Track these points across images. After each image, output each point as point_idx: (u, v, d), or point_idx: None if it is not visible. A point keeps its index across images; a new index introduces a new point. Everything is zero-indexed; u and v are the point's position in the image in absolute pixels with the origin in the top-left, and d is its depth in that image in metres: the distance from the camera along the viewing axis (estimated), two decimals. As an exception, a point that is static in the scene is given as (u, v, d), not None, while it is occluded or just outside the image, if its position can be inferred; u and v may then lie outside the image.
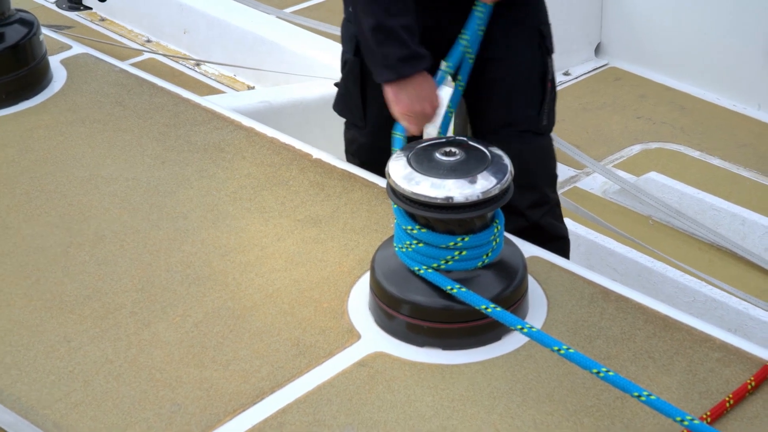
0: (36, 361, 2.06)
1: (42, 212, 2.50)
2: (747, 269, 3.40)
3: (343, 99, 2.75)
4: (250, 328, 2.12)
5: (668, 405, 1.77)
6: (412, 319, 2.04)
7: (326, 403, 1.92)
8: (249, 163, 2.65)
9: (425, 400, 1.92)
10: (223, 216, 2.46)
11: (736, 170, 3.91)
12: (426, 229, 2.00)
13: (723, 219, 3.58)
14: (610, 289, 2.18)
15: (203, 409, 1.93)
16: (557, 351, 1.86)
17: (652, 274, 3.30)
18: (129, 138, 2.79)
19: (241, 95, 4.19)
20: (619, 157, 4.03)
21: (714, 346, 2.03)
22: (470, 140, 2.09)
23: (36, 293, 2.24)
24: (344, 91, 2.74)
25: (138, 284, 2.25)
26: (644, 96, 4.45)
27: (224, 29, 4.58)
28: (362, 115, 2.69)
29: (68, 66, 3.15)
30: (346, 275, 2.25)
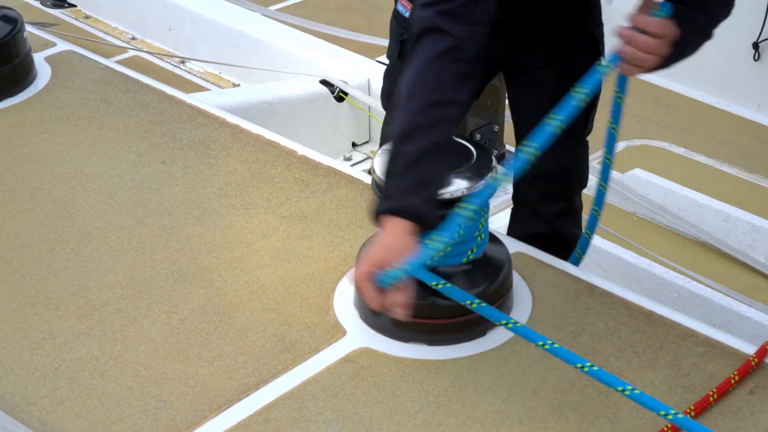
0: (21, 357, 2.05)
1: (26, 209, 2.49)
2: (730, 265, 3.42)
3: (385, 94, 2.70)
4: (236, 324, 2.12)
5: (652, 399, 1.77)
6: (397, 315, 2.04)
7: (312, 399, 1.92)
8: (234, 160, 2.65)
9: (411, 396, 1.92)
10: (208, 213, 2.46)
11: (719, 167, 3.93)
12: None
13: (706, 215, 3.59)
14: (595, 284, 2.19)
15: (189, 405, 1.93)
16: (542, 346, 1.87)
17: (636, 270, 3.31)
18: (114, 135, 2.78)
19: (226, 92, 4.19)
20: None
21: (698, 341, 2.04)
22: (456, 137, 2.09)
23: (20, 290, 2.23)
24: (386, 87, 2.66)
25: (123, 281, 2.25)
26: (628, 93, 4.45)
27: (209, 27, 4.58)
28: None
29: (53, 63, 3.14)
30: (331, 271, 2.26)
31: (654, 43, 2.01)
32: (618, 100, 2.23)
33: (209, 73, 4.57)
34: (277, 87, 4.00)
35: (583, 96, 1.98)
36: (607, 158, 2.32)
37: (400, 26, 2.53)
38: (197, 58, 4.61)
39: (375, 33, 4.53)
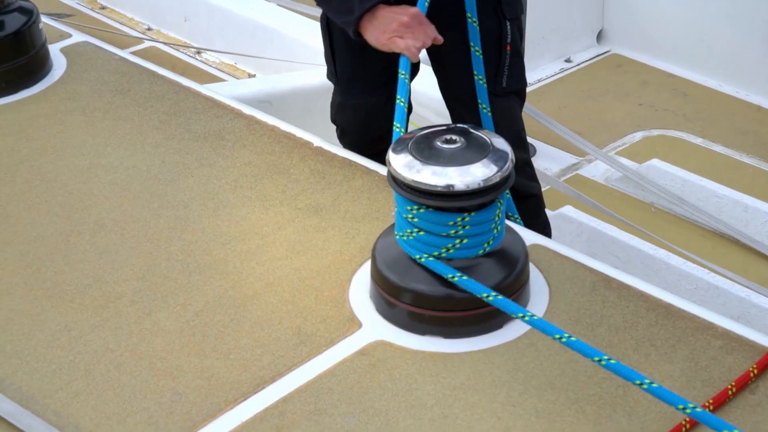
0: (36, 350, 2.05)
1: (42, 201, 2.49)
2: (749, 256, 3.40)
3: (325, 60, 2.77)
4: (251, 317, 2.11)
5: (670, 393, 1.76)
6: (413, 307, 2.04)
7: (327, 392, 1.92)
8: (249, 152, 2.65)
9: (427, 389, 1.92)
10: (223, 204, 2.46)
11: (738, 157, 3.90)
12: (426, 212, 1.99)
13: (725, 206, 3.57)
14: (612, 276, 2.17)
15: (204, 398, 1.92)
16: (559, 339, 1.86)
17: (654, 261, 3.29)
18: (129, 126, 2.78)
19: (241, 83, 4.18)
20: (622, 144, 4.02)
21: (716, 333, 2.02)
22: (471, 128, 2.08)
23: (36, 282, 2.23)
24: (325, 51, 2.77)
25: (138, 273, 2.25)
26: (646, 83, 4.44)
27: (225, 17, 4.57)
28: (334, 71, 2.72)
29: (68, 54, 3.14)
30: (347, 263, 2.25)
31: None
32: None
33: (225, 63, 4.57)
34: (293, 77, 3.99)
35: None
36: (485, 108, 2.64)
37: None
38: (213, 49, 4.60)
39: (391, 23, 4.51)
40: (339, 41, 2.67)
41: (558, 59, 4.62)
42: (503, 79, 2.73)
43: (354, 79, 2.69)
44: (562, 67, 4.57)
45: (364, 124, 2.76)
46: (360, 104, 2.70)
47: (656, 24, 4.55)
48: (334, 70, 2.74)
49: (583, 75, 4.54)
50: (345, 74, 2.72)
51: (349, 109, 2.73)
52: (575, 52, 4.67)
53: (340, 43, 2.67)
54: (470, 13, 2.55)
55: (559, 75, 4.53)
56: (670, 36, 4.51)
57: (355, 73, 2.67)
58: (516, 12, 2.74)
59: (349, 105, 2.73)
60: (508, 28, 2.71)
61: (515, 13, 2.74)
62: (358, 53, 2.65)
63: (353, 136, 2.78)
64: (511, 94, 2.78)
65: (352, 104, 2.72)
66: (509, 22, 2.71)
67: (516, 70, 2.77)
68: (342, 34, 2.60)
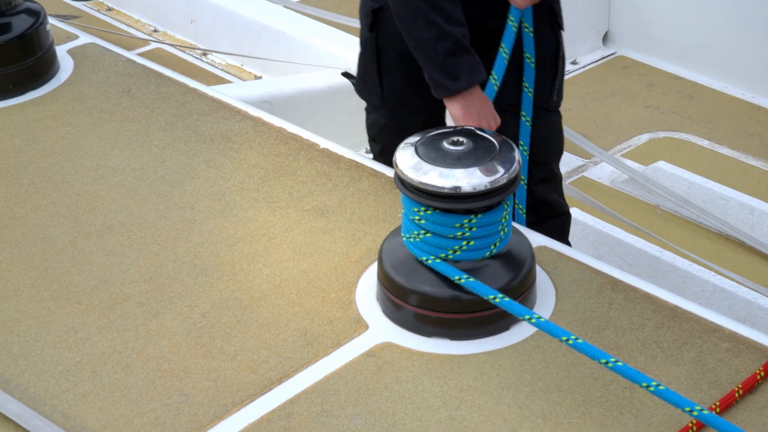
0: (44, 351, 2.06)
1: (49, 202, 2.50)
2: (756, 259, 3.39)
3: (362, 80, 2.73)
4: (258, 318, 2.12)
5: (677, 395, 1.76)
6: (420, 309, 2.04)
7: (334, 394, 1.92)
8: (256, 153, 2.65)
9: (433, 391, 1.92)
10: (230, 206, 2.46)
11: (744, 159, 3.90)
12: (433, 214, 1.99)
13: (731, 208, 3.57)
14: (619, 279, 2.17)
15: (211, 399, 1.93)
16: (566, 341, 1.86)
17: (660, 263, 3.29)
18: (136, 128, 2.78)
19: (248, 85, 4.19)
20: (627, 147, 4.02)
21: (723, 336, 2.02)
22: (477, 129, 2.08)
23: (43, 283, 2.24)
24: (362, 70, 2.72)
25: (145, 274, 2.25)
26: (652, 85, 4.43)
27: (231, 19, 4.57)
28: (380, 93, 2.68)
29: (75, 56, 3.14)
30: (353, 265, 2.25)
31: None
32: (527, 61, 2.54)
33: (231, 65, 4.57)
34: (299, 79, 3.99)
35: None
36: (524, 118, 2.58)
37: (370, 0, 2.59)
38: (219, 51, 4.61)
39: (397, 25, 4.51)
40: (391, 67, 2.62)
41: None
42: (555, 93, 2.69)
43: (402, 103, 2.66)
44: (568, 69, 4.56)
45: None
46: (405, 125, 2.64)
47: (662, 26, 4.55)
48: (380, 94, 2.69)
49: (589, 77, 4.53)
50: (393, 97, 2.68)
51: (394, 130, 2.68)
52: (581, 54, 4.67)
53: (392, 68, 2.62)
54: (527, 21, 2.48)
55: (565, 77, 4.52)
56: (676, 38, 4.50)
57: (404, 97, 2.65)
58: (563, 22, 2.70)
59: (393, 126, 2.69)
60: (562, 40, 2.68)
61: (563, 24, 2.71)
62: (408, 77, 2.61)
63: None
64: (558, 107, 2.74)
65: (397, 125, 2.67)
66: (562, 33, 2.68)
67: (562, 83, 2.74)
68: (395, 58, 2.58)
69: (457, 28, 2.34)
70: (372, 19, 2.60)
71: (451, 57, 2.34)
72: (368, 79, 2.70)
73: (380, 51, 2.62)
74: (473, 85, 2.36)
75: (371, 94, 2.71)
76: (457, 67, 2.34)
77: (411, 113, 2.66)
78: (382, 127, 2.74)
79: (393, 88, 2.65)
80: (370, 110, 2.76)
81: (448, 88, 2.37)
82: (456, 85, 2.35)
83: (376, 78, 2.66)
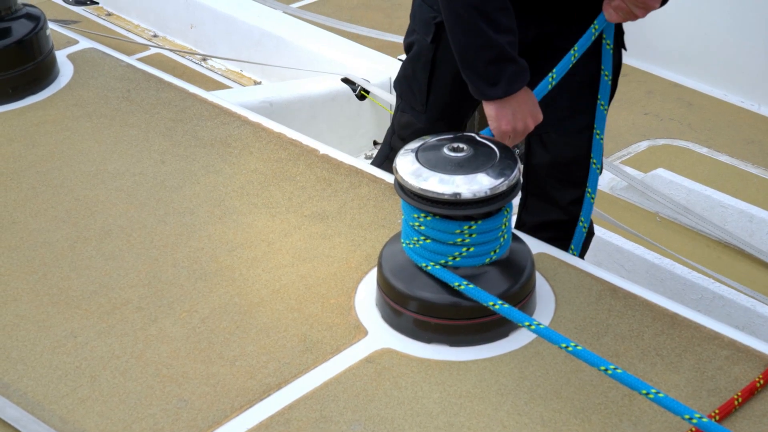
0: (42, 356, 2.05)
1: (48, 207, 2.50)
2: (755, 266, 3.39)
3: (407, 81, 2.71)
4: (257, 323, 2.11)
5: (676, 402, 1.76)
6: (419, 315, 2.04)
7: (333, 400, 1.92)
8: (256, 159, 2.65)
9: (432, 397, 1.91)
10: (229, 211, 2.46)
11: (743, 167, 3.90)
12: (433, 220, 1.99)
13: (730, 216, 3.57)
14: (618, 286, 2.17)
15: (210, 405, 1.92)
16: (565, 348, 1.85)
17: (659, 270, 3.29)
18: (135, 133, 2.78)
19: (247, 90, 4.19)
20: (627, 154, 4.02)
21: (722, 343, 2.02)
22: (478, 136, 2.09)
23: (42, 288, 2.24)
24: (410, 73, 2.69)
25: (144, 279, 2.25)
26: (651, 92, 4.44)
27: (231, 24, 4.58)
28: (425, 101, 2.66)
29: (75, 61, 3.14)
30: (353, 271, 2.25)
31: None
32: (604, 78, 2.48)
33: (231, 70, 4.57)
34: (299, 85, 3.99)
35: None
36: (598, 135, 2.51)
37: (432, 9, 2.55)
38: (219, 56, 4.61)
39: (396, 31, 4.52)
40: (444, 76, 2.61)
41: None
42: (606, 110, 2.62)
43: (445, 113, 2.65)
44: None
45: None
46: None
47: (662, 33, 4.55)
48: (425, 101, 2.67)
49: (589, 84, 4.53)
50: (438, 106, 2.66)
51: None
52: (581, 61, 4.67)
53: (444, 81, 2.61)
54: (608, 38, 2.43)
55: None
56: (675, 46, 4.51)
57: (448, 108, 2.64)
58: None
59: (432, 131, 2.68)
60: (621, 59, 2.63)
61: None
62: (459, 94, 2.60)
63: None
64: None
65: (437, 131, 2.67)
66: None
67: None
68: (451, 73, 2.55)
69: (504, 36, 2.29)
70: (435, 32, 2.57)
71: (493, 65, 2.30)
72: (414, 84, 2.67)
73: (435, 63, 2.60)
74: (511, 94, 2.31)
75: (415, 98, 2.69)
76: (498, 74, 2.30)
77: (450, 124, 2.66)
78: (417, 131, 2.71)
79: (439, 99, 2.64)
80: (407, 110, 2.74)
81: (485, 93, 2.33)
82: (494, 92, 2.31)
83: (425, 87, 2.64)
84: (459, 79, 2.42)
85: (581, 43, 2.37)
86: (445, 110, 2.62)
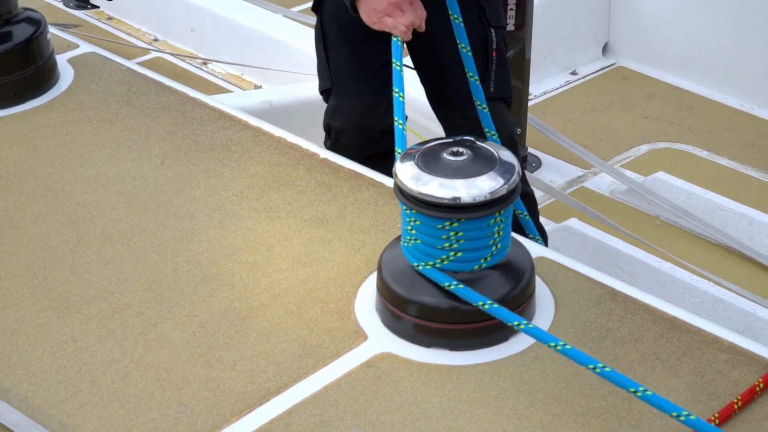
0: (42, 360, 2.05)
1: (49, 211, 2.50)
2: (755, 270, 3.39)
3: (318, 67, 2.81)
4: (257, 328, 2.11)
5: (664, 400, 1.76)
6: (419, 319, 2.04)
7: (333, 404, 1.92)
8: (256, 163, 2.65)
9: (432, 401, 1.91)
10: (229, 216, 2.46)
11: (744, 170, 3.90)
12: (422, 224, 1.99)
13: (731, 219, 3.57)
14: (618, 290, 2.17)
15: (210, 409, 1.92)
16: (554, 347, 1.86)
17: (659, 274, 3.29)
18: (136, 137, 2.79)
19: (248, 94, 4.19)
20: (627, 157, 4.02)
21: (722, 347, 2.02)
22: (477, 140, 2.09)
23: (42, 293, 2.24)
24: (317, 58, 2.81)
25: (145, 284, 2.25)
26: (652, 96, 4.44)
27: (232, 28, 4.58)
28: (328, 74, 2.74)
29: (75, 65, 3.15)
30: (353, 275, 2.25)
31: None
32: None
33: (231, 74, 4.58)
34: (299, 89, 4.00)
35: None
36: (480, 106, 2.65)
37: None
38: (219, 60, 4.61)
39: (397, 35, 4.51)
40: (333, 41, 2.72)
41: (563, 72, 4.63)
42: (490, 84, 2.77)
43: (348, 79, 2.71)
44: (567, 80, 4.57)
45: (359, 126, 2.76)
46: (354, 104, 2.71)
47: (662, 37, 4.55)
48: (328, 73, 2.76)
49: (589, 87, 4.54)
50: (339, 73, 2.74)
51: (345, 109, 2.73)
52: (581, 64, 4.68)
53: (334, 43, 2.72)
54: (452, 12, 2.57)
55: (565, 87, 4.53)
56: (675, 49, 4.51)
57: (350, 72, 2.70)
58: (500, 21, 2.81)
59: (344, 105, 2.73)
60: (493, 35, 2.77)
61: (499, 22, 2.80)
62: (351, 52, 2.68)
63: (347, 139, 2.75)
64: (499, 99, 2.81)
65: (347, 104, 2.72)
66: (494, 29, 2.78)
67: (503, 78, 2.82)
68: (337, 33, 2.67)
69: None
70: (315, 2, 2.73)
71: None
72: (320, 63, 2.78)
73: (324, 30, 2.72)
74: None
75: (323, 77, 2.78)
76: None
77: (359, 90, 2.71)
78: (333, 110, 2.77)
79: (338, 62, 2.73)
80: (326, 98, 2.80)
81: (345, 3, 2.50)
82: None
83: (324, 57, 2.75)
84: (345, 36, 2.57)
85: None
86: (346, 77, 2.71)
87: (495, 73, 2.78)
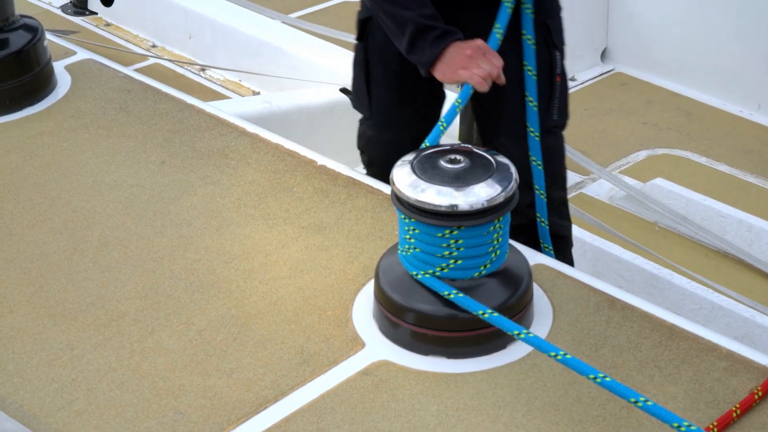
0: (39, 369, 2.05)
1: (45, 219, 2.49)
2: (754, 276, 3.39)
3: (353, 87, 2.74)
4: (254, 336, 2.11)
5: (665, 411, 1.76)
6: (416, 327, 2.03)
7: (330, 412, 1.91)
8: (253, 170, 2.65)
9: (430, 409, 1.91)
10: (227, 223, 2.45)
11: (742, 176, 3.89)
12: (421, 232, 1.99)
13: (729, 226, 3.56)
14: (616, 297, 2.17)
15: (207, 417, 1.92)
16: (554, 357, 1.86)
17: (658, 280, 3.28)
18: (133, 144, 2.78)
19: (245, 101, 4.18)
20: (626, 163, 4.01)
21: (721, 355, 2.01)
22: (474, 148, 2.08)
23: (39, 300, 2.23)
24: (354, 80, 2.73)
25: (141, 291, 2.24)
26: (650, 102, 4.43)
27: (229, 34, 4.57)
28: (368, 105, 2.68)
29: (73, 72, 3.14)
30: (350, 283, 2.24)
31: None
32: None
33: (229, 81, 4.57)
34: (297, 95, 3.99)
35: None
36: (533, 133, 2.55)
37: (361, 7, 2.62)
38: (217, 66, 4.61)
39: (395, 41, 4.51)
40: (378, 75, 2.63)
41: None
42: (554, 111, 2.62)
43: (389, 115, 2.66)
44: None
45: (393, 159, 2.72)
46: (392, 140, 2.66)
47: (660, 43, 4.55)
48: (368, 104, 2.69)
49: (587, 93, 4.53)
50: (380, 109, 2.67)
51: (381, 143, 2.69)
52: (579, 70, 4.67)
53: (378, 77, 2.63)
54: (526, 32, 2.48)
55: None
56: (674, 55, 4.51)
57: (391, 109, 2.64)
58: (563, 42, 2.66)
59: (381, 139, 2.69)
60: (558, 58, 2.62)
61: (562, 43, 2.66)
62: (395, 89, 2.62)
63: (381, 168, 2.70)
64: (559, 128, 2.68)
65: (384, 139, 2.68)
66: (558, 52, 2.63)
67: (564, 104, 2.66)
68: (383, 71, 2.60)
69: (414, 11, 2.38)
70: (360, 29, 2.62)
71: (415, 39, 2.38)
72: (358, 89, 2.71)
73: (369, 62, 2.64)
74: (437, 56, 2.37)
75: (361, 105, 2.72)
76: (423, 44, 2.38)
77: (399, 127, 2.67)
78: (369, 140, 2.74)
79: (380, 98, 2.66)
80: (362, 121, 2.77)
81: (422, 63, 2.40)
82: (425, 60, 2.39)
83: (365, 88, 2.67)
84: (391, 74, 2.48)
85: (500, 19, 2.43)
86: (387, 113, 2.64)
87: (558, 100, 2.62)
